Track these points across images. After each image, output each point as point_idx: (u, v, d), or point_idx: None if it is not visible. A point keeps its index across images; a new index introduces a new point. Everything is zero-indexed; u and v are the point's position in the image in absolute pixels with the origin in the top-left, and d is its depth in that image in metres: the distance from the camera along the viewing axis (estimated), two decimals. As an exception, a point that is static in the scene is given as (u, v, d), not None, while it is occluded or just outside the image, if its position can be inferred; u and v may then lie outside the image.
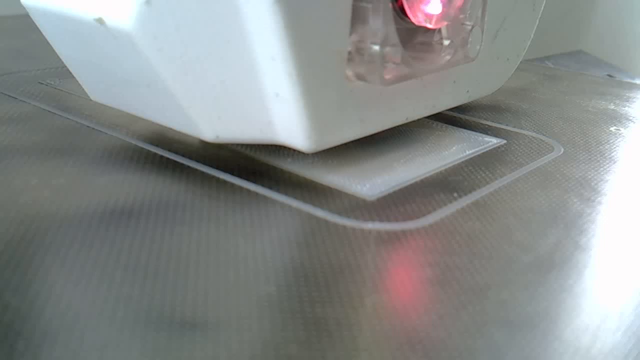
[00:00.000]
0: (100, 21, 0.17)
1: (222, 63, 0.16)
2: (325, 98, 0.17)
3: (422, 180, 0.19)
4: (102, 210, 0.15)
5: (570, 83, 0.33)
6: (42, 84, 0.25)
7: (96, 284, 0.12)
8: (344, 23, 0.16)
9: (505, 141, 0.23)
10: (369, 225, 0.16)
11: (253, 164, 0.19)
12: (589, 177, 0.20)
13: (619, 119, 0.27)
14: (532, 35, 0.25)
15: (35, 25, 0.20)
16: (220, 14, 0.16)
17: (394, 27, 0.17)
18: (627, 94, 0.31)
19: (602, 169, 0.21)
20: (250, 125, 0.17)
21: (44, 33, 0.20)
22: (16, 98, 0.23)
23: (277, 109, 0.17)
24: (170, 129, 0.21)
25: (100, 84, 0.20)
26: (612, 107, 0.29)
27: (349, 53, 0.17)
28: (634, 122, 0.26)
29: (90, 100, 0.23)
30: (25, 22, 0.37)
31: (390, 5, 0.17)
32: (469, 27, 0.20)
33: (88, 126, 0.21)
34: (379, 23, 0.17)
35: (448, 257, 0.14)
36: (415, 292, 0.13)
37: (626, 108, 0.29)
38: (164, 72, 0.17)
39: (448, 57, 0.20)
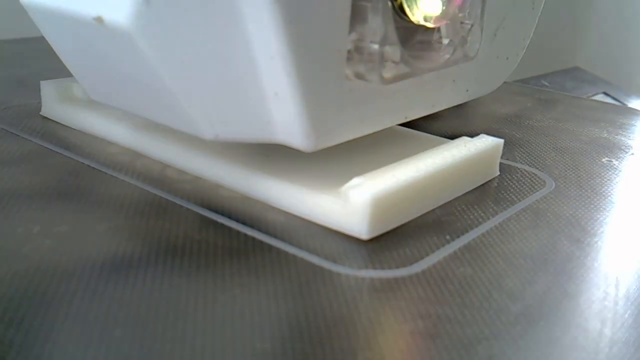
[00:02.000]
0: (99, 20, 0.17)
1: (221, 62, 0.16)
2: (324, 97, 0.17)
3: (415, 219, 0.19)
4: (102, 261, 0.16)
5: (565, 108, 0.34)
6: (44, 117, 0.26)
7: (97, 343, 0.13)
8: (343, 22, 0.16)
9: (498, 174, 0.23)
10: (363, 273, 0.16)
11: (250, 206, 0.19)
12: (579, 215, 0.20)
13: (611, 148, 0.27)
14: (531, 34, 0.25)
15: (37, 52, 0.20)
16: (219, 13, 0.16)
17: (393, 26, 0.17)
18: (620, 120, 0.32)
19: (592, 205, 0.21)
20: (249, 125, 0.18)
21: (43, 33, 0.20)
22: (18, 135, 0.23)
23: (276, 108, 0.17)
24: (170, 166, 0.22)
25: (100, 83, 0.20)
26: (605, 135, 0.29)
27: (348, 52, 0.17)
28: (626, 152, 0.27)
29: (91, 136, 0.24)
30: (25, 47, 0.37)
31: (389, 4, 0.17)
32: (468, 26, 0.20)
33: (89, 166, 0.21)
34: (378, 22, 0.17)
35: (439, 308, 0.15)
36: (407, 346, 0.14)
37: (618, 136, 0.29)
38: (163, 71, 0.17)
39: (447, 56, 0.20)
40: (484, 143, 0.22)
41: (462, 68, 0.22)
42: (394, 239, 0.18)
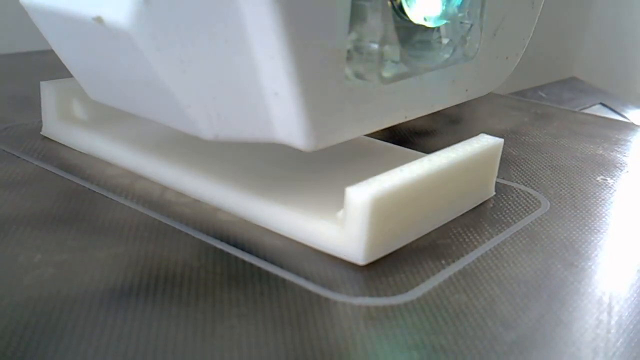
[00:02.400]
0: (99, 20, 0.17)
1: (220, 62, 0.17)
2: (324, 97, 0.17)
3: (411, 244, 0.19)
4: (102, 291, 0.16)
5: (561, 123, 0.34)
6: (44, 137, 0.26)
7: (97, 378, 0.13)
8: (342, 21, 0.17)
9: (494, 194, 0.23)
10: (359, 301, 0.16)
11: (248, 230, 0.19)
12: (574, 237, 0.20)
13: (606, 166, 0.27)
14: (531, 34, 0.25)
15: (39, 67, 0.21)
16: (219, 13, 0.16)
17: (392, 25, 0.17)
18: (616, 136, 0.32)
19: (586, 227, 0.21)
20: (249, 125, 0.18)
21: (43, 33, 0.21)
22: (19, 157, 0.24)
23: (276, 108, 0.17)
24: (169, 188, 0.22)
25: (100, 83, 0.20)
26: (601, 151, 0.29)
27: (348, 52, 0.17)
28: (620, 170, 0.27)
29: (92, 157, 0.24)
30: (27, 62, 0.37)
31: (389, 3, 0.17)
32: (468, 26, 0.20)
33: (89, 189, 0.21)
34: (378, 21, 0.17)
35: (434, 337, 0.15)
36: (401, 378, 0.14)
37: (614, 153, 0.29)
38: (163, 71, 0.17)
39: (447, 56, 0.20)
40: (484, 142, 0.22)
41: (461, 68, 0.22)
42: (390, 264, 0.18)
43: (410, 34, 0.19)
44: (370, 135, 0.28)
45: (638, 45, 0.92)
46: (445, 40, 0.20)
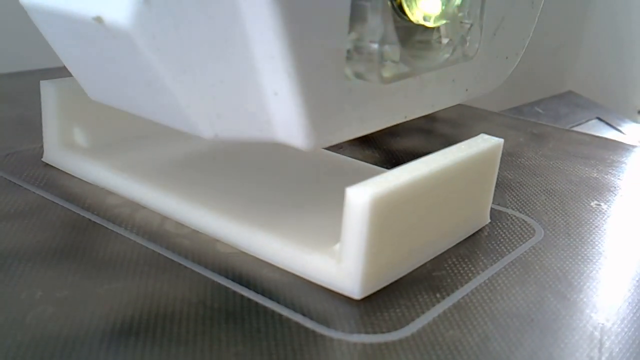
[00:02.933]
0: (99, 20, 0.18)
1: (220, 62, 0.17)
2: (324, 96, 0.17)
3: (407, 276, 0.20)
4: (103, 329, 0.16)
5: (556, 144, 0.34)
6: (46, 164, 0.26)
7: (98, 422, 0.13)
8: (342, 21, 0.17)
9: (489, 221, 0.24)
10: (355, 338, 0.17)
11: (246, 262, 0.20)
12: (567, 268, 0.21)
13: (600, 190, 0.28)
14: (531, 34, 0.25)
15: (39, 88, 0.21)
16: (219, 13, 0.16)
17: (392, 25, 0.18)
18: (611, 157, 0.32)
19: (579, 256, 0.22)
20: (249, 124, 0.18)
21: (43, 33, 0.21)
22: (20, 186, 0.24)
23: (276, 108, 0.17)
24: (169, 218, 0.22)
25: (100, 83, 0.21)
26: (595, 174, 0.30)
27: (348, 51, 0.17)
28: (615, 194, 0.27)
29: (92, 185, 0.24)
30: (29, 80, 0.38)
31: (389, 3, 0.18)
32: (468, 26, 0.20)
33: (90, 220, 0.22)
34: (378, 21, 0.17)
35: (427, 376, 0.15)
36: (395, 420, 0.14)
37: (608, 176, 0.30)
38: (163, 71, 0.17)
39: (447, 56, 0.20)
40: (485, 141, 0.22)
41: (461, 67, 0.22)
42: (385, 297, 0.18)
43: (410, 34, 0.19)
44: (366, 159, 0.28)
45: (634, 59, 0.93)
46: (445, 40, 0.20)
